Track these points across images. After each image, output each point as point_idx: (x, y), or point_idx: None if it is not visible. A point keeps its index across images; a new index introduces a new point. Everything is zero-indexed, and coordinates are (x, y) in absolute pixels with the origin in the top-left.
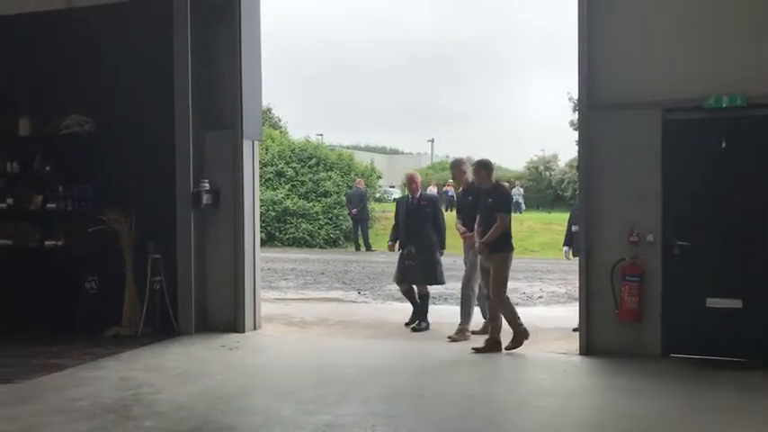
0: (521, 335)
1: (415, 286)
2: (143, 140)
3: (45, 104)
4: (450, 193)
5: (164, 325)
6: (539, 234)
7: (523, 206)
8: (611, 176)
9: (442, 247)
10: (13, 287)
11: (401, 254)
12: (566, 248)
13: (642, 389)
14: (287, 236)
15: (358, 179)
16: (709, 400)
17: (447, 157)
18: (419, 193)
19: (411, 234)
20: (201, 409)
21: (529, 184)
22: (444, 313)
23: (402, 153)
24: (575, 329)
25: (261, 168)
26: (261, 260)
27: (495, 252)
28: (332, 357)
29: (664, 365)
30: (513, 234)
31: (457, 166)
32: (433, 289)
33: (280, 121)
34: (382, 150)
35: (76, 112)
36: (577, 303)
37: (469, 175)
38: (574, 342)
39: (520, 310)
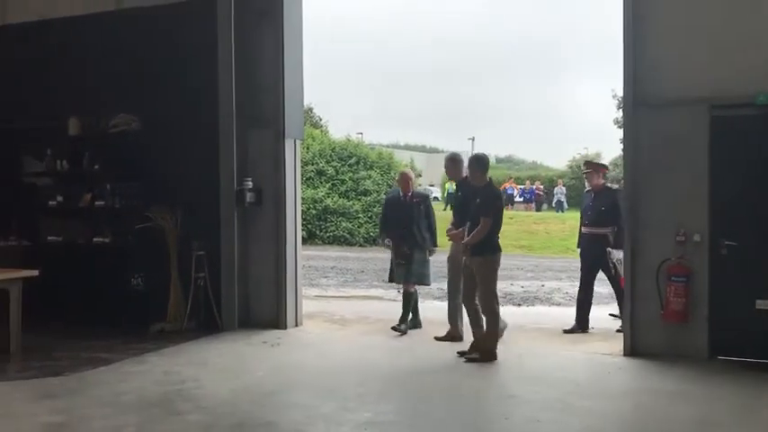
0: (489, 353)
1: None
2: (188, 139)
3: (94, 104)
4: (509, 191)
5: (207, 321)
6: None
7: (566, 205)
8: (656, 175)
9: (434, 245)
10: (63, 283)
11: (393, 252)
12: (580, 250)
13: (689, 391)
14: (327, 234)
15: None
16: (758, 403)
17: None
18: (411, 190)
19: (402, 232)
20: (243, 405)
21: (571, 182)
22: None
23: (442, 151)
24: (566, 331)
25: (302, 167)
26: (302, 258)
27: (476, 255)
28: (372, 355)
29: (711, 368)
30: (555, 233)
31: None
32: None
33: (320, 120)
34: (422, 149)
35: (124, 111)
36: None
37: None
38: (617, 343)
39: (563, 311)
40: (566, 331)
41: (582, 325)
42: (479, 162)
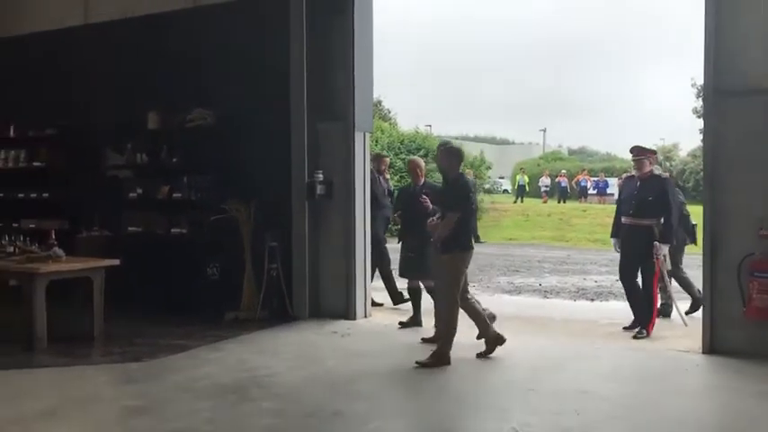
0: (443, 357)
1: (406, 279)
2: (261, 132)
3: (171, 99)
4: (563, 184)
5: (279, 310)
6: None
7: None
8: (738, 166)
9: None
10: (143, 272)
11: (402, 245)
12: (614, 240)
13: None
14: (395, 226)
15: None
16: None
17: (559, 146)
18: (422, 180)
19: (412, 225)
20: (314, 393)
21: None
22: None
23: (512, 143)
24: (625, 328)
25: (371, 161)
26: (370, 251)
27: (444, 252)
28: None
29: None
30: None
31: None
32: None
33: (389, 112)
34: (492, 141)
35: (200, 106)
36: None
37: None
38: (696, 340)
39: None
40: (626, 329)
41: (641, 321)
42: (455, 153)
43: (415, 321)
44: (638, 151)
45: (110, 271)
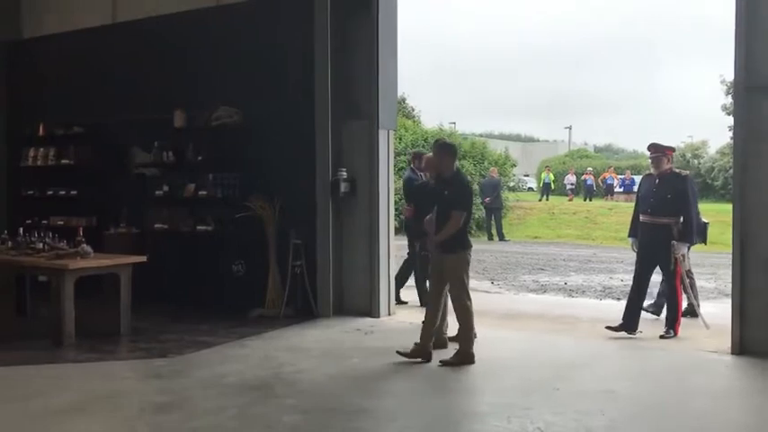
0: (467, 356)
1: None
2: (286, 130)
3: (197, 97)
4: (589, 182)
5: (304, 307)
6: None
7: None
8: None
9: None
10: (169, 268)
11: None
12: (632, 239)
13: None
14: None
15: (492, 168)
16: None
17: (585, 144)
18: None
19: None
20: (339, 390)
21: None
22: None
23: (538, 141)
24: (609, 327)
25: (394, 157)
26: (394, 248)
27: (449, 252)
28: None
29: None
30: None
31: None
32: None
33: (413, 110)
34: (517, 138)
35: (225, 104)
36: (729, 300)
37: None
38: (725, 340)
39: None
40: (609, 328)
41: (629, 325)
42: (448, 148)
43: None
44: (655, 149)
45: (136, 267)
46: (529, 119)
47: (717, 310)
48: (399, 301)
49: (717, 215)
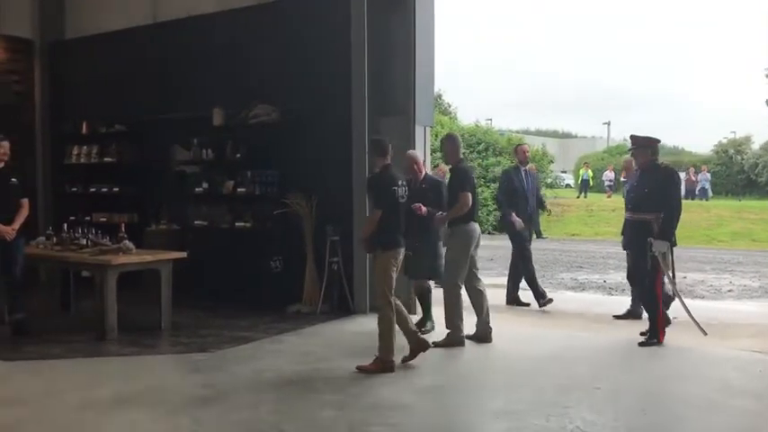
0: (385, 363)
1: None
2: (323, 127)
3: (235, 95)
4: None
5: (340, 303)
6: (728, 223)
7: (710, 193)
8: None
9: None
10: (208, 264)
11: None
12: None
13: None
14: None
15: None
16: None
17: (624, 140)
18: (423, 175)
19: (410, 223)
20: (376, 386)
21: (717, 168)
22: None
23: (575, 137)
24: (616, 316)
25: (430, 154)
26: None
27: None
28: (502, 344)
29: None
30: (697, 222)
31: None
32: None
33: (449, 106)
34: (554, 134)
35: (263, 101)
36: None
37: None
38: (764, 341)
39: (707, 304)
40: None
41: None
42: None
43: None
44: (634, 141)
45: (177, 263)
46: (567, 115)
47: (761, 309)
48: (519, 303)
49: (761, 212)
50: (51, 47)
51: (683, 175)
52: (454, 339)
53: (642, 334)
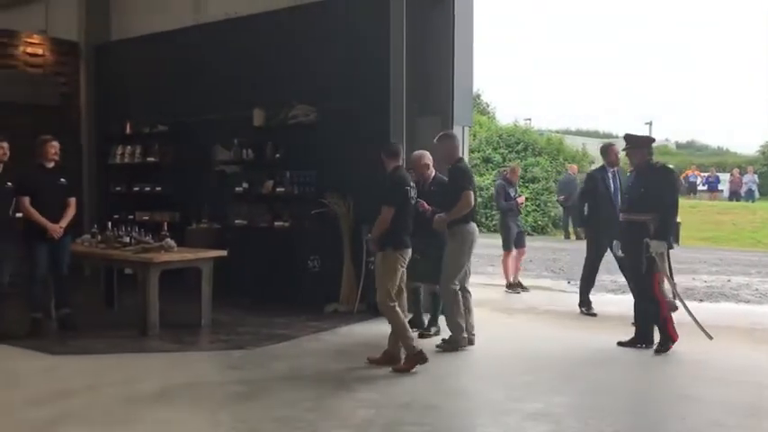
0: (393, 358)
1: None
2: (360, 127)
3: (275, 96)
4: (692, 179)
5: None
6: None
7: (757, 194)
8: None
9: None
10: (248, 263)
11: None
12: (615, 242)
13: None
14: (493, 222)
15: (571, 165)
16: None
17: (667, 140)
18: (432, 175)
19: (416, 224)
20: (410, 386)
21: (764, 169)
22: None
23: (616, 137)
24: (620, 343)
25: (469, 154)
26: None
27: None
28: (540, 346)
29: None
30: (743, 224)
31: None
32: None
33: (488, 106)
34: (595, 134)
35: (302, 102)
36: None
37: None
38: None
39: (752, 308)
40: (621, 344)
41: (645, 338)
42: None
43: (416, 324)
44: (628, 141)
45: (217, 261)
46: (608, 114)
47: None
48: (589, 310)
49: None
50: (96, 49)
51: (726, 177)
52: (457, 341)
53: (621, 344)
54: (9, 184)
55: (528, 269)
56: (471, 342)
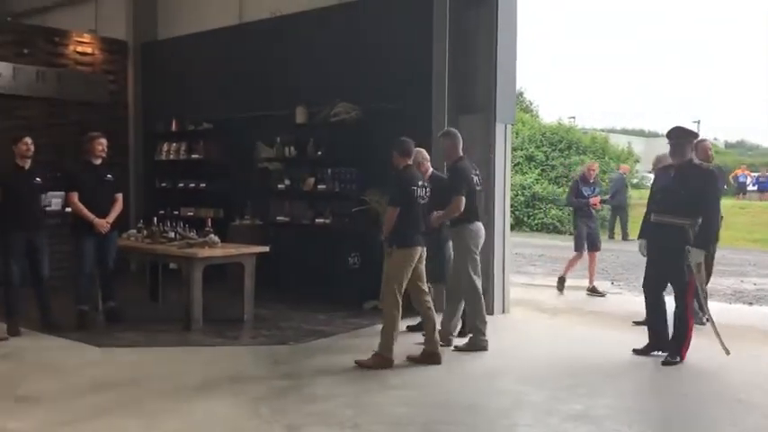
0: (383, 360)
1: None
2: (402, 125)
3: (318, 94)
4: (741, 179)
5: None
6: None
7: None
8: None
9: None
10: (289, 259)
11: None
12: (640, 242)
13: None
14: (535, 221)
15: (623, 165)
16: None
17: (715, 139)
18: (429, 173)
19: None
20: (449, 385)
21: None
22: None
23: (662, 136)
24: (636, 351)
25: (511, 152)
26: (510, 245)
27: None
28: (583, 347)
29: None
30: None
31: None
32: None
33: (531, 104)
34: (640, 133)
35: (345, 99)
36: None
37: None
38: None
39: None
40: (636, 352)
41: (660, 343)
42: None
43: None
44: (679, 133)
45: (259, 257)
46: (654, 113)
47: None
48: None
49: None
50: (144, 48)
51: None
52: (476, 343)
53: (636, 352)
54: (38, 179)
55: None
56: (450, 343)
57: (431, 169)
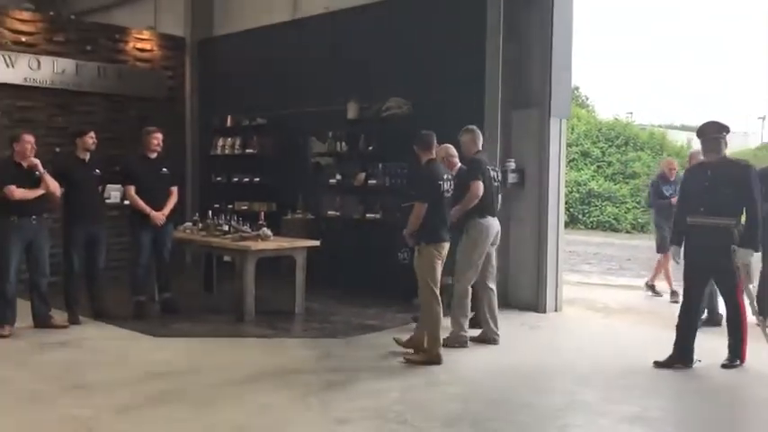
0: (433, 356)
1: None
2: (454, 120)
3: (370, 89)
4: None
5: None
6: None
7: None
8: None
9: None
10: (340, 253)
11: None
12: (674, 248)
13: None
14: (590, 219)
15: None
16: None
17: None
18: (457, 168)
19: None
20: (501, 383)
21: None
22: None
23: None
24: (657, 363)
25: (566, 148)
26: (563, 242)
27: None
28: (638, 348)
29: None
30: None
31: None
32: None
33: (587, 99)
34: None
35: (396, 95)
36: None
37: None
38: None
39: None
40: (658, 364)
41: (683, 355)
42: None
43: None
44: (716, 128)
45: (311, 251)
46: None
47: None
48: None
49: None
50: (201, 44)
51: None
52: (456, 339)
53: (658, 364)
54: (97, 171)
55: (626, 268)
56: (495, 341)
57: (458, 164)
